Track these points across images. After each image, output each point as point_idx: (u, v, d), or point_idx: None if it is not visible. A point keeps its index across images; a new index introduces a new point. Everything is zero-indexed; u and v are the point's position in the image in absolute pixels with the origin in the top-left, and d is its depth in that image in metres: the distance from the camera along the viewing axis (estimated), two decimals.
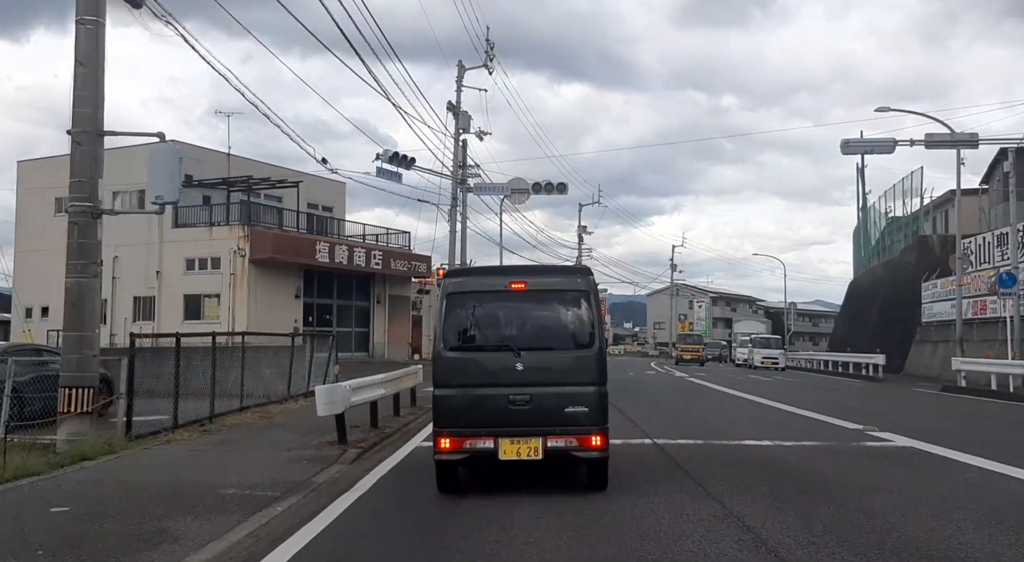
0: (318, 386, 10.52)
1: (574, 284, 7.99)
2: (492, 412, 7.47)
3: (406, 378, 15.31)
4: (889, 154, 23.21)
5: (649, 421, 13.80)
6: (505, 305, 8.05)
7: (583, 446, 7.41)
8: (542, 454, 7.38)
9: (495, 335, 7.94)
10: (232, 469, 8.82)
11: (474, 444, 7.43)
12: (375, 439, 11.45)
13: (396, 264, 35.95)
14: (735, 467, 9.04)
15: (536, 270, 10.03)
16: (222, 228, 30.67)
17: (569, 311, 7.95)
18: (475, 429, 7.46)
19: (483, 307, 8.00)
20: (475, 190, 30.87)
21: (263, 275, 30.59)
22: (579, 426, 7.43)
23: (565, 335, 7.89)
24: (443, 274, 6.95)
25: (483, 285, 8.19)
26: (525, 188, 30.11)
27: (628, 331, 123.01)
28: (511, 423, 7.44)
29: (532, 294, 7.92)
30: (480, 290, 8.07)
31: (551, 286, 8.11)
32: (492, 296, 8.02)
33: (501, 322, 8.07)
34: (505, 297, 7.95)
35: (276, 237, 30.51)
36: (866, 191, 59.22)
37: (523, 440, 7.39)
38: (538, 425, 7.41)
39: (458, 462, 7.63)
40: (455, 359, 7.74)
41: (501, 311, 8.08)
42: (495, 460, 7.43)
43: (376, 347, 36.45)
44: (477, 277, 8.81)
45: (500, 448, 7.40)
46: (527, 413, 7.41)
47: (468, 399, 7.57)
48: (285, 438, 11.24)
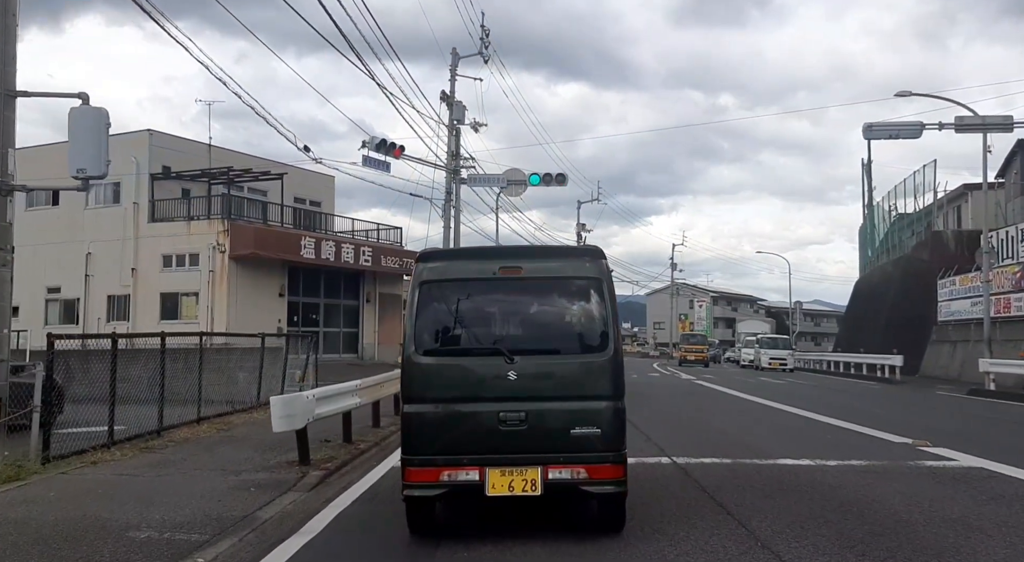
0: (273, 397, 8.83)
1: (582, 269, 6.20)
2: (478, 434, 5.76)
3: (387, 384, 13.61)
4: (915, 139, 21.54)
5: (662, 433, 12.12)
6: (495, 297, 6.30)
7: (594, 478, 5.70)
8: (541, 489, 5.68)
9: (482, 335, 6.18)
10: (159, 501, 7.13)
11: (454, 476, 5.72)
12: (346, 457, 9.77)
13: (387, 261, 34.22)
14: (779, 497, 7.35)
15: (535, 252, 7.93)
16: (201, 222, 28.92)
17: (576, 304, 6.22)
18: (456, 456, 5.74)
19: (467, 300, 6.19)
20: (469, 181, 29.16)
21: (244, 272, 28.86)
22: (589, 452, 5.72)
23: (571, 335, 6.16)
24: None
25: (467, 272, 6.29)
26: (522, 180, 28.40)
27: (627, 331, 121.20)
28: (502, 449, 5.74)
29: (530, 282, 6.21)
30: (463, 278, 6.21)
31: (553, 273, 6.31)
32: (478, 285, 6.21)
33: (490, 319, 6.32)
34: (495, 287, 6.23)
35: (258, 232, 28.77)
36: (872, 187, 57.82)
37: (517, 470, 5.69)
38: (537, 451, 5.72)
39: (434, 498, 5.91)
40: (430, 366, 5.97)
41: (490, 305, 6.31)
42: (481, 496, 5.71)
43: (366, 348, 34.72)
44: (460, 261, 6.65)
45: (488, 481, 5.69)
46: (523, 435, 5.72)
47: (446, 417, 5.83)
48: (239, 456, 9.55)
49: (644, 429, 12.57)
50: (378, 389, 12.58)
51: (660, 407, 17.13)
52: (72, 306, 30.94)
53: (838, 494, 7.45)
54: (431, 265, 6.25)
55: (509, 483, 5.68)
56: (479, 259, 6.66)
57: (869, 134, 21.36)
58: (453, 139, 29.11)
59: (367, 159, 24.36)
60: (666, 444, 10.71)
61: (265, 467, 8.89)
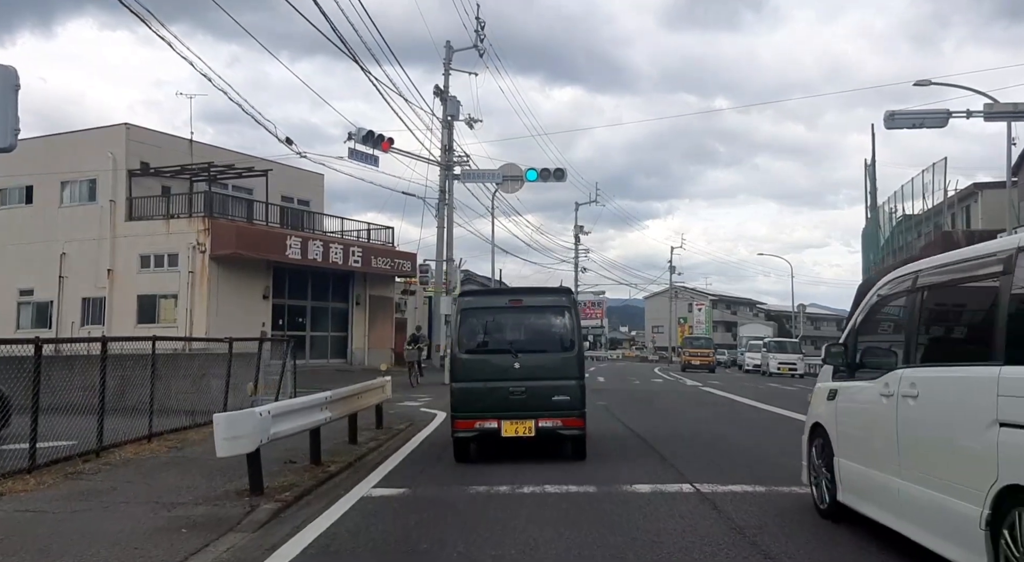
0: (217, 415, 7.35)
1: (559, 301, 10.24)
2: (496, 400, 9.49)
3: (367, 394, 12.16)
4: (941, 128, 20.15)
5: (677, 451, 10.67)
6: (506, 318, 10.20)
7: (566, 426, 9.55)
8: (535, 432, 9.48)
9: (498, 340, 10.05)
10: (59, 551, 5.65)
11: (483, 425, 9.48)
12: (310, 483, 8.29)
13: (377, 262, 32.76)
14: (849, 547, 5.87)
15: (529, 291, 11.51)
16: (180, 221, 27.45)
17: (554, 322, 10.08)
18: (483, 413, 9.48)
19: (489, 319, 10.18)
20: (463, 177, 27.77)
21: (226, 273, 27.39)
22: (563, 410, 9.51)
23: (552, 340, 9.99)
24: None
25: (490, 302, 10.87)
26: (518, 175, 27.01)
27: (625, 335, 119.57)
28: (511, 409, 9.46)
29: (527, 309, 10.19)
30: (487, 306, 10.50)
31: (540, 303, 10.35)
32: (496, 311, 10.28)
33: (503, 330, 10.15)
34: (506, 311, 10.21)
35: (240, 230, 27.30)
36: (876, 188, 56.47)
37: (520, 421, 9.45)
38: (532, 410, 9.45)
39: (470, 439, 9.67)
40: (468, 359, 9.86)
41: (503, 322, 10.20)
42: (498, 437, 9.51)
43: (355, 353, 33.24)
44: (485, 296, 12.91)
45: (503, 428, 9.45)
46: (523, 401, 9.49)
47: (478, 390, 9.58)
48: (181, 484, 8.07)
49: (656, 445, 11.12)
50: (354, 401, 11.11)
51: (669, 419, 15.67)
52: (45, 309, 29.43)
53: None
54: (467, 299, 10.63)
55: (515, 429, 9.44)
56: (496, 295, 11.61)
57: (891, 123, 19.96)
58: (447, 134, 27.70)
59: (354, 152, 22.98)
60: (686, 466, 9.25)
61: (209, 498, 7.42)
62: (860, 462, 5.83)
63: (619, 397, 21.62)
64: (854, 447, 6.01)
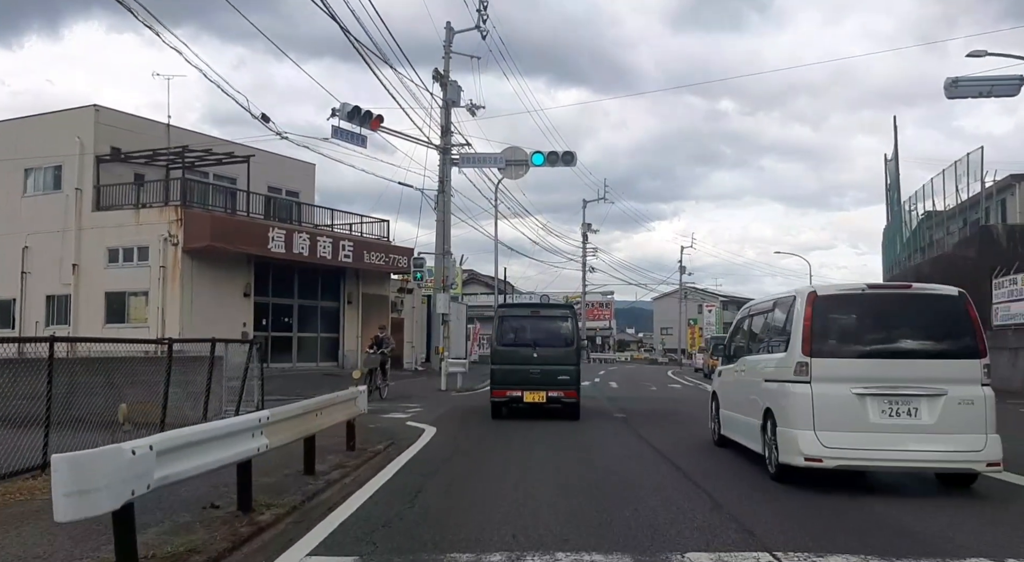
0: (56, 457, 4.82)
1: (564, 313, 16.26)
2: (521, 377, 14.76)
3: (330, 410, 9.64)
4: (1012, 96, 17.62)
5: (730, 492, 8.12)
6: (529, 323, 15.83)
7: (566, 397, 14.79)
8: (545, 400, 14.71)
9: (523, 337, 15.37)
10: None
11: (511, 394, 14.80)
12: (221, 545, 5.78)
13: (371, 257, 30.29)
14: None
15: (544, 305, 20.51)
16: (151, 210, 25.01)
17: (561, 326, 15.55)
18: (511, 386, 14.80)
19: (517, 324, 15.83)
20: (462, 162, 25.25)
21: (202, 268, 24.95)
22: (565, 386, 14.76)
23: (559, 338, 15.31)
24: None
25: (518, 312, 17.44)
26: (523, 159, 24.48)
27: (632, 336, 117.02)
28: (530, 383, 14.71)
29: (543, 317, 16.26)
30: (517, 315, 16.75)
31: (552, 314, 16.64)
32: (522, 318, 16.25)
33: (526, 331, 15.51)
34: (529, 318, 16.16)
35: (216, 221, 24.85)
36: (899, 183, 53.84)
37: (536, 392, 14.70)
38: (544, 385, 14.69)
39: (502, 403, 15.03)
40: (503, 350, 15.21)
41: (526, 326, 15.70)
42: (521, 402, 14.77)
43: (347, 356, 30.75)
44: (516, 308, 21.53)
45: (524, 396, 14.72)
46: (539, 378, 14.72)
47: (508, 371, 14.89)
48: (30, 549, 5.56)
49: (701, 482, 8.55)
50: (308, 421, 8.58)
51: (706, 438, 13.06)
52: (7, 308, 27.00)
53: None
54: (504, 309, 18.05)
55: (533, 397, 14.61)
56: (523, 307, 20.22)
57: (953, 92, 17.39)
58: (444, 115, 25.22)
59: (338, 131, 20.48)
60: (756, 523, 6.66)
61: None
62: (728, 410, 10.88)
63: (638, 406, 19.07)
64: (727, 402, 11.07)
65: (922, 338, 8.18)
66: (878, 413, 7.79)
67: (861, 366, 7.99)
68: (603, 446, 11.73)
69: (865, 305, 8.39)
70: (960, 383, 7.83)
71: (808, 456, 7.79)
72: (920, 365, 7.98)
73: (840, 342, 8.21)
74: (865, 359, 8.02)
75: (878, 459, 7.81)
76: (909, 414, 7.79)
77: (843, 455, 7.73)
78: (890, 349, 8.08)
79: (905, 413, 7.79)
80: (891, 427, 7.76)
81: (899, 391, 7.82)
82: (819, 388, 7.91)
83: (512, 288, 71.21)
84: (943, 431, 7.71)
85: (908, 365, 7.99)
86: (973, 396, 7.79)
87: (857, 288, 8.59)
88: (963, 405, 7.77)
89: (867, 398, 7.80)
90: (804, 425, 7.88)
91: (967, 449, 7.69)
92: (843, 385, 7.85)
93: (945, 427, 7.71)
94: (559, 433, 13.01)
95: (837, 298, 8.45)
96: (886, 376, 7.90)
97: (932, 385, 7.79)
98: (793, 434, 7.98)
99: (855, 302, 8.42)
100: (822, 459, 7.74)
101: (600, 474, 9.24)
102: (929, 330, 8.20)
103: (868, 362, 8.00)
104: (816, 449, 7.76)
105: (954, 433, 7.72)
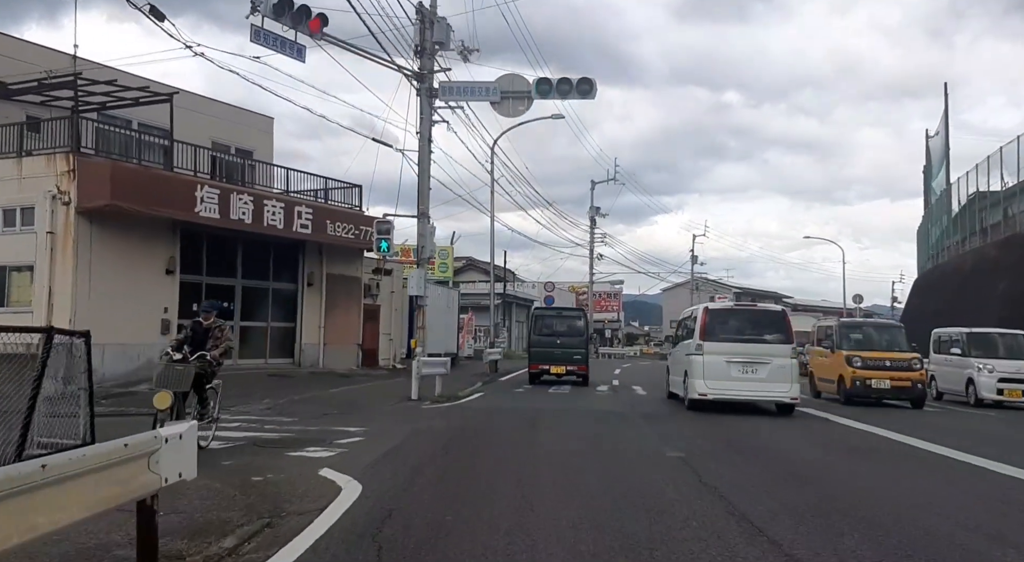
0: None
1: (578, 314, 26.40)
2: (549, 356, 23.05)
3: (63, 493, 3.74)
4: None
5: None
6: (555, 319, 24.66)
7: (579, 371, 23.13)
8: (565, 372, 22.96)
9: (550, 330, 23.69)
10: None
11: (543, 367, 23.03)
12: None
13: (337, 228, 24.41)
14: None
15: (565, 308, 32.40)
16: (36, 160, 19.06)
17: (577, 323, 24.50)
18: (543, 362, 23.07)
19: (547, 320, 24.45)
20: (444, 94, 19.29)
21: (105, 236, 19.09)
22: (579, 362, 23.16)
23: (574, 331, 23.90)
24: None
25: (547, 312, 26.72)
26: (524, 90, 18.55)
27: (639, 330, 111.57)
28: (555, 361, 22.90)
29: (564, 316, 25.44)
30: (546, 314, 25.73)
31: (570, 314, 26.19)
32: (551, 315, 25.68)
33: (553, 324, 23.97)
34: (555, 316, 25.25)
35: (120, 172, 18.92)
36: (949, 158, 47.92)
37: (559, 367, 22.88)
38: (563, 362, 22.91)
39: (536, 373, 23.21)
40: (538, 338, 23.63)
41: (553, 320, 24.47)
42: (549, 373, 22.89)
43: (305, 350, 24.87)
44: (546, 309, 30.01)
45: (552, 369, 22.85)
46: (560, 357, 22.96)
47: (540, 351, 23.36)
48: None
49: None
50: None
51: (786, 471, 7.29)
52: None
53: None
54: (538, 311, 26.74)
55: (557, 370, 22.98)
56: (550, 309, 30.69)
57: None
58: (421, 30, 19.27)
59: (262, 34, 14.54)
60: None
61: None
62: (672, 375, 18.05)
63: (693, 432, 13.11)
64: (672, 370, 18.08)
65: (760, 333, 15.54)
66: (737, 371, 15.06)
67: (729, 347, 15.22)
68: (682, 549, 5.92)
69: (733, 314, 16.52)
70: (779, 356, 15.16)
71: (701, 393, 15.06)
72: (759, 347, 15.29)
73: (719, 333, 15.45)
74: (731, 343, 15.29)
75: (736, 396, 15.12)
76: (752, 372, 15.04)
77: (718, 393, 15.01)
78: (744, 338, 15.43)
79: (751, 371, 15.04)
80: (743, 378, 15.04)
81: (748, 360, 15.08)
82: (707, 358, 15.17)
83: (513, 276, 65.31)
84: (770, 381, 15.07)
85: (753, 347, 15.27)
86: (786, 363, 15.14)
87: (729, 305, 20.70)
88: (780, 368, 15.07)
89: (731, 364, 15.07)
90: (699, 377, 15.17)
91: (782, 391, 15.07)
92: (719, 356, 15.09)
93: (771, 379, 15.06)
94: (591, 521, 7.09)
95: (719, 310, 16.71)
96: (741, 352, 15.15)
97: (765, 357, 15.10)
98: (694, 382, 15.27)
99: (728, 312, 16.75)
100: (707, 395, 15.00)
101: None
102: (764, 329, 15.60)
103: (732, 344, 15.27)
104: (705, 390, 15.04)
105: (775, 382, 15.05)
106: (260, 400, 16.47)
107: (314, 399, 16.88)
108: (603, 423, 13.56)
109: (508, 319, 56.54)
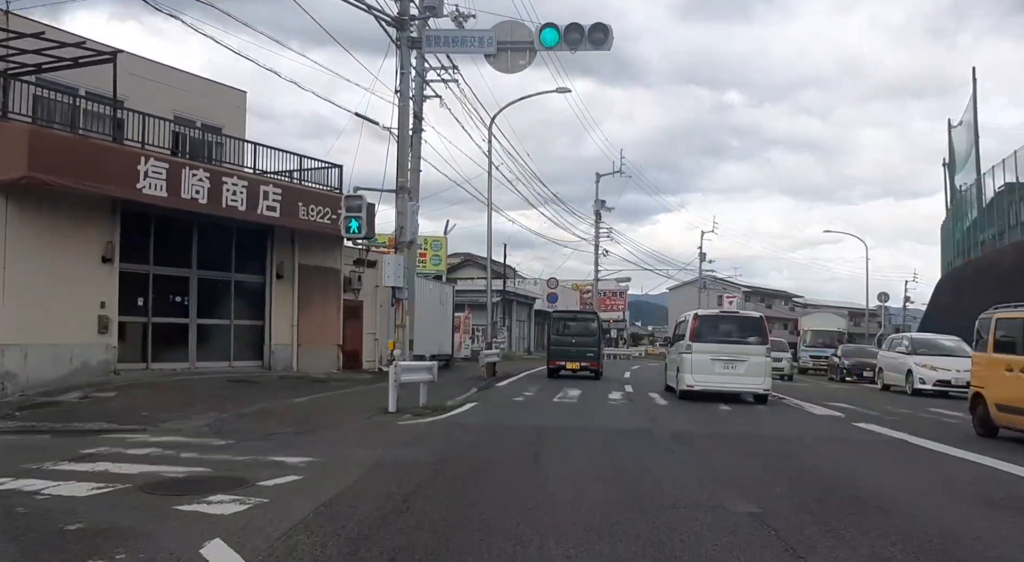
0: None
1: (591, 317, 29.14)
2: (565, 354, 26.21)
3: None
4: None
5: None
6: (571, 322, 27.89)
7: (592, 367, 26.29)
8: (579, 368, 26.03)
9: (567, 332, 26.97)
10: None
11: (560, 363, 26.10)
12: None
13: (312, 213, 21.29)
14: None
15: (579, 312, 36.24)
16: None
17: (590, 324, 27.79)
18: (560, 359, 26.17)
19: (564, 323, 27.60)
20: (429, 43, 16.18)
21: (27, 215, 16.03)
22: (592, 359, 26.36)
23: (588, 331, 27.21)
24: None
25: (564, 316, 29.18)
26: (526, 41, 15.46)
27: (643, 330, 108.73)
28: (570, 358, 26.06)
29: (579, 318, 28.91)
30: (563, 317, 28.61)
31: (584, 317, 29.28)
32: (567, 319, 28.34)
33: (569, 326, 27.32)
34: (571, 320, 28.32)
35: (41, 139, 15.78)
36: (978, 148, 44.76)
37: (575, 363, 26.04)
38: (578, 359, 26.09)
39: (554, 369, 26.09)
40: (556, 338, 26.78)
41: (569, 323, 27.66)
42: (565, 369, 26.00)
43: (276, 352, 21.76)
44: (563, 312, 31.15)
45: (567, 365, 25.96)
46: (576, 354, 26.18)
47: (558, 349, 26.42)
48: None
49: None
50: None
51: None
52: None
53: None
54: (557, 314, 30.20)
55: (573, 366, 26.14)
56: (567, 312, 32.19)
57: None
58: None
59: None
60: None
61: None
62: (669, 371, 20.46)
63: (770, 480, 10.05)
64: (669, 367, 20.88)
65: (741, 335, 18.29)
66: (720, 367, 17.74)
67: (714, 347, 17.89)
68: None
69: (719, 320, 19.42)
70: (756, 355, 17.93)
71: (688, 385, 17.76)
72: (739, 347, 17.99)
73: (707, 335, 18.06)
74: (715, 343, 17.94)
75: (719, 387, 17.70)
76: (733, 368, 17.77)
77: (704, 386, 17.68)
78: (727, 339, 18.16)
79: (731, 367, 17.77)
80: (725, 373, 17.74)
81: (729, 358, 17.80)
82: (695, 356, 17.82)
83: (514, 272, 62.23)
84: (747, 375, 17.81)
85: (734, 347, 17.98)
86: (761, 361, 17.96)
87: (715, 311, 22.89)
88: (756, 365, 17.87)
89: (715, 361, 17.75)
90: (688, 372, 17.84)
91: (756, 384, 17.87)
92: (706, 355, 17.76)
93: (748, 374, 17.77)
94: None
95: (707, 316, 19.50)
96: (724, 351, 17.87)
97: (743, 355, 17.87)
98: (684, 376, 17.90)
99: (715, 318, 19.58)
100: (695, 386, 17.66)
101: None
102: (744, 331, 18.40)
103: (716, 345, 17.91)
104: (692, 382, 17.73)
105: (752, 376, 17.80)
106: (204, 413, 13.43)
107: (268, 413, 13.79)
108: (626, 449, 10.48)
109: (508, 318, 53.36)
